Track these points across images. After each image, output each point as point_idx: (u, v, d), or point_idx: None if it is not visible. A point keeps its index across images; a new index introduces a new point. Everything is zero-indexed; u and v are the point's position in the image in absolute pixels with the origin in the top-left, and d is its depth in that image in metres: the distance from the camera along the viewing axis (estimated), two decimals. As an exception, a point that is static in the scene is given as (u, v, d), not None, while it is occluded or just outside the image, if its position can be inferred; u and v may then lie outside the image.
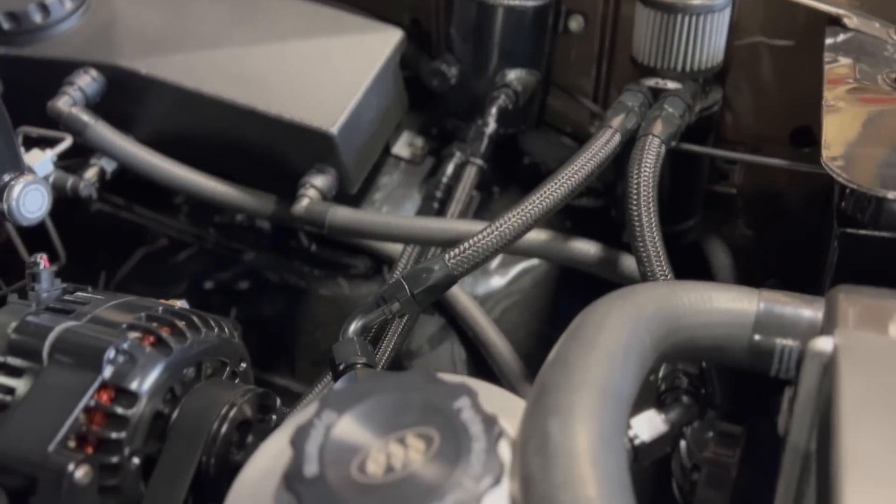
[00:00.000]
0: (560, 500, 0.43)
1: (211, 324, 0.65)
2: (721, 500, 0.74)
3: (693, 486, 0.79)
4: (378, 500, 0.44)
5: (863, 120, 0.71)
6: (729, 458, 0.74)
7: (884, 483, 0.43)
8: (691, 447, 0.80)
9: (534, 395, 0.50)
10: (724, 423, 0.77)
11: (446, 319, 1.00)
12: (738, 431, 0.76)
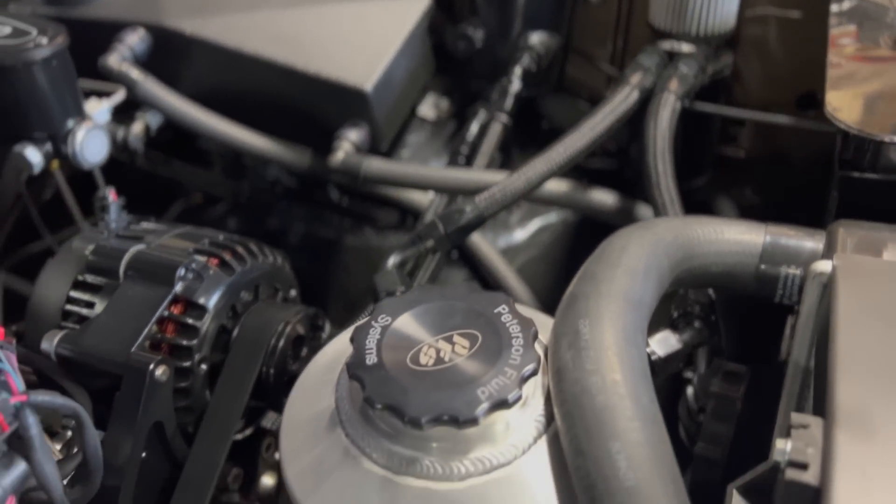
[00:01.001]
0: (590, 383, 0.49)
1: (266, 252, 0.71)
2: (726, 433, 0.80)
3: (699, 427, 0.85)
4: (430, 383, 0.50)
5: (863, 76, 0.76)
6: (734, 393, 0.80)
7: (873, 377, 0.49)
8: (698, 392, 0.85)
9: (564, 302, 0.56)
10: (729, 363, 0.84)
11: (471, 270, 1.06)
12: (743, 370, 0.82)
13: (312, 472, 0.52)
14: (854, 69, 0.77)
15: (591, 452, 0.47)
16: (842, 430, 0.45)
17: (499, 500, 0.49)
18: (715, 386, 0.79)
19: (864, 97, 0.73)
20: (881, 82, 0.75)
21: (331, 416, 0.54)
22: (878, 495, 0.42)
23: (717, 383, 0.80)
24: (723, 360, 0.81)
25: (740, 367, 0.83)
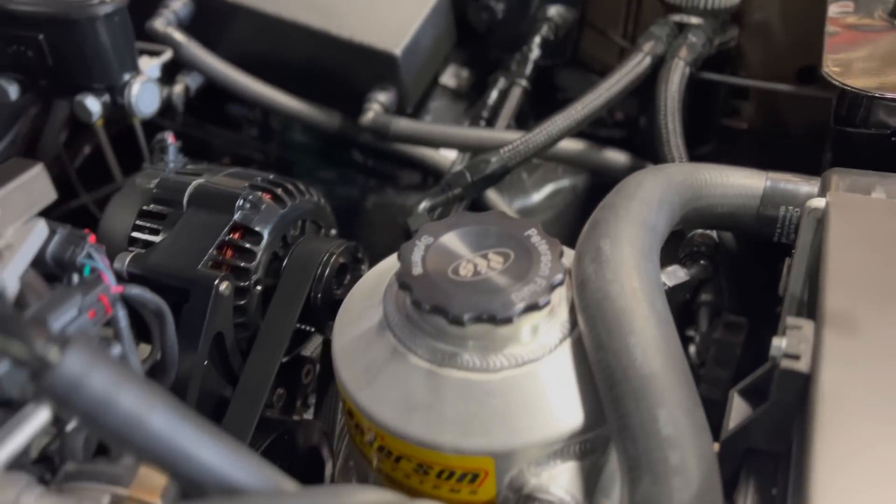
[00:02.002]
0: (610, 290, 0.55)
1: (311, 192, 0.78)
2: (726, 377, 0.87)
3: (700, 379, 0.91)
4: (470, 290, 0.57)
5: (858, 43, 0.83)
6: (734, 339, 0.87)
7: (858, 287, 0.55)
8: (699, 348, 0.92)
9: (587, 227, 0.62)
10: (730, 315, 0.90)
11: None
12: (742, 321, 0.89)
13: (364, 371, 0.59)
14: (850, 37, 0.84)
15: (611, 346, 0.53)
16: (829, 329, 0.52)
17: (528, 390, 0.56)
18: (717, 334, 0.86)
19: (858, 61, 0.79)
20: (874, 49, 0.82)
21: (379, 323, 0.61)
22: (859, 379, 0.49)
23: (719, 332, 0.87)
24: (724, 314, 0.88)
25: (741, 319, 0.90)
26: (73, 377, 0.36)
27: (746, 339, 0.87)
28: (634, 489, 0.50)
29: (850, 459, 0.44)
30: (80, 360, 0.36)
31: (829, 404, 0.47)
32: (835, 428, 0.46)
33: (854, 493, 0.42)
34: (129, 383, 0.37)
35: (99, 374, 0.36)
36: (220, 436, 0.39)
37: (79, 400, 0.36)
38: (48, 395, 0.36)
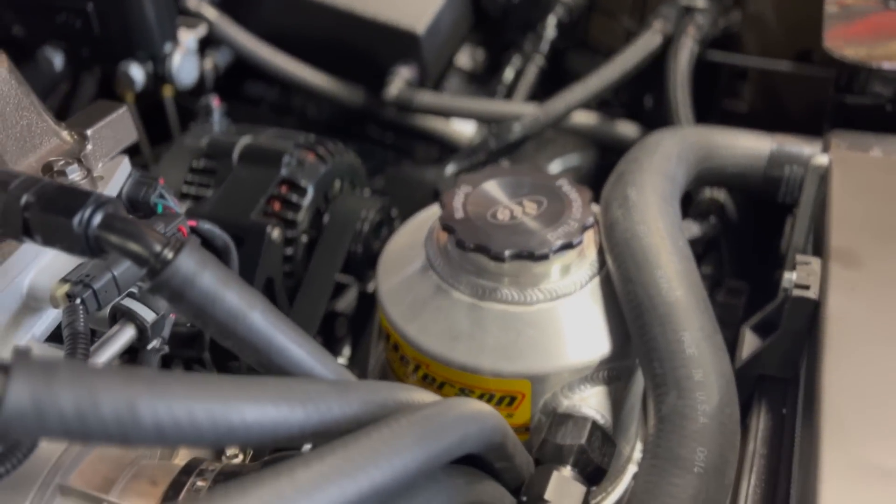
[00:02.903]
0: (638, 230, 0.61)
1: (349, 153, 0.83)
2: (730, 338, 0.92)
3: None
4: (508, 231, 0.62)
5: (854, 21, 0.89)
6: (737, 302, 0.92)
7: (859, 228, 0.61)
8: None
9: (613, 178, 0.68)
10: (732, 280, 0.96)
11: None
12: (743, 286, 0.94)
13: (410, 307, 0.64)
14: (846, 15, 0.89)
15: (639, 279, 0.59)
16: (834, 263, 0.58)
17: (561, 321, 0.61)
18: (720, 298, 0.91)
19: (855, 35, 0.85)
20: (869, 25, 0.87)
21: (422, 266, 0.66)
22: (862, 304, 0.54)
23: (722, 296, 0.92)
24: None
25: (742, 283, 0.95)
26: (186, 274, 0.40)
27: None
28: (661, 403, 0.55)
29: (857, 373, 0.50)
30: (193, 260, 0.40)
31: (836, 326, 0.53)
32: (841, 346, 0.51)
33: (861, 405, 0.48)
34: (233, 283, 0.42)
35: (208, 273, 0.41)
36: (303, 334, 0.44)
37: (191, 295, 0.40)
38: (164, 291, 0.40)
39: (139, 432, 0.31)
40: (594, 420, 0.59)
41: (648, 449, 0.55)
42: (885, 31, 0.86)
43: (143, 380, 0.31)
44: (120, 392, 0.30)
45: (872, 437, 0.45)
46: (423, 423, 0.39)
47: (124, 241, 0.40)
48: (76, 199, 0.40)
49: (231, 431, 0.33)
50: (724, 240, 0.93)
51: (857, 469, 0.43)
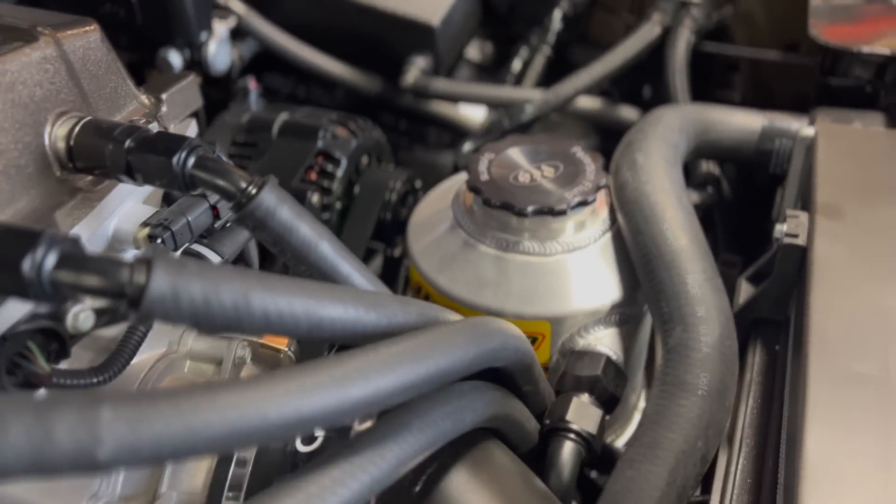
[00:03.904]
0: (646, 189, 0.67)
1: (376, 129, 0.89)
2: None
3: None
4: (530, 190, 0.68)
5: (838, 11, 0.96)
6: (731, 271, 0.99)
7: (841, 187, 0.67)
8: None
9: (622, 145, 0.74)
10: (726, 254, 1.02)
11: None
12: (737, 260, 1.01)
13: (440, 261, 0.70)
14: (831, 6, 0.96)
15: (647, 231, 0.65)
16: (820, 215, 0.64)
17: (576, 269, 0.67)
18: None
19: (838, 25, 0.92)
20: (850, 14, 0.94)
21: (450, 224, 0.72)
22: (844, 249, 0.61)
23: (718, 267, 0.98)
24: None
25: (735, 257, 1.02)
26: (268, 207, 0.46)
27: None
28: (668, 337, 0.61)
29: (839, 303, 0.56)
30: (273, 195, 0.47)
31: (821, 267, 0.59)
32: (826, 283, 0.58)
33: (842, 327, 0.54)
34: (305, 216, 0.48)
35: (285, 207, 0.47)
36: (361, 263, 0.50)
37: (271, 225, 0.46)
38: (249, 221, 0.46)
39: (251, 320, 0.37)
40: (608, 356, 0.65)
41: (657, 378, 0.61)
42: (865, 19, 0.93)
43: (255, 276, 0.37)
44: (237, 284, 0.36)
45: (852, 351, 0.51)
46: (473, 327, 0.45)
47: (215, 178, 0.46)
48: (174, 142, 0.46)
49: (319, 325, 0.39)
50: (718, 214, 1.00)
51: (840, 375, 0.49)
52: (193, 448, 0.31)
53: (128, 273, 0.34)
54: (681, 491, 0.56)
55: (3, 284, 0.35)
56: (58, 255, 0.35)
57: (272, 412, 0.33)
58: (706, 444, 0.57)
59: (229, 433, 0.31)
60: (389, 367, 0.37)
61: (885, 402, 0.47)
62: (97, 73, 0.53)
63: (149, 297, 0.34)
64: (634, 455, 0.58)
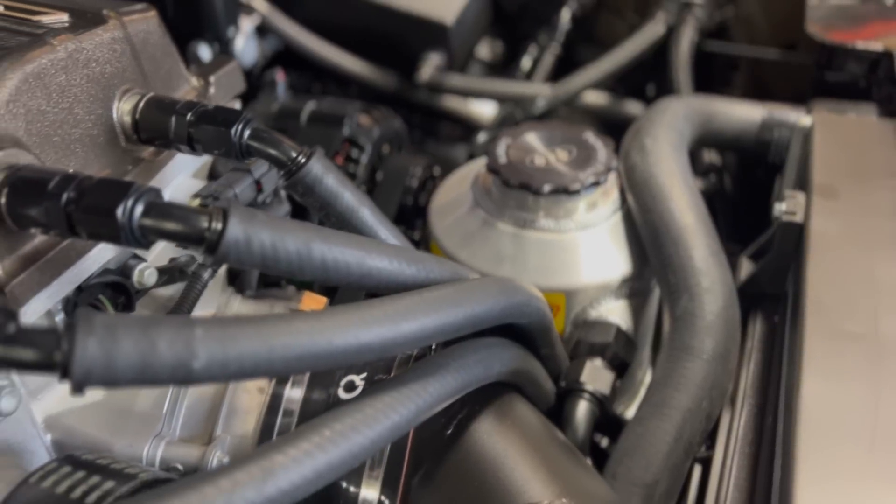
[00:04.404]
0: (655, 171, 0.72)
1: (398, 118, 0.94)
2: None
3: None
4: (546, 172, 0.73)
5: (834, 11, 1.01)
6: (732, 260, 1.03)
7: (836, 168, 0.72)
8: None
9: (631, 132, 0.79)
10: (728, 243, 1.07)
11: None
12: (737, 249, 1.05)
13: (461, 238, 0.75)
14: (828, 7, 1.01)
15: (655, 209, 0.70)
16: (817, 195, 0.69)
17: (589, 245, 0.72)
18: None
19: (834, 22, 0.97)
20: (846, 14, 0.99)
21: (470, 205, 0.77)
22: (838, 225, 0.65)
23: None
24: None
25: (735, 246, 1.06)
26: (316, 175, 0.51)
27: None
28: (675, 306, 0.66)
29: (833, 272, 0.61)
30: (320, 164, 0.51)
31: (817, 241, 0.64)
32: (821, 254, 0.63)
33: (835, 292, 0.59)
34: (348, 184, 0.52)
35: (331, 175, 0.51)
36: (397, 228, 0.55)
37: (319, 191, 0.51)
38: (298, 188, 0.51)
39: (311, 266, 0.41)
40: (618, 325, 0.70)
41: (665, 344, 0.66)
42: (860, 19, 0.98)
43: (315, 229, 0.42)
44: (301, 234, 0.41)
45: (845, 314, 0.56)
46: (504, 282, 0.50)
47: (268, 148, 0.51)
48: (231, 115, 0.51)
49: (368, 274, 0.44)
50: (719, 205, 1.04)
51: (833, 333, 0.54)
52: (270, 366, 0.35)
53: (207, 220, 0.39)
54: (687, 447, 0.61)
55: (99, 230, 0.39)
56: (145, 204, 0.39)
57: (337, 339, 0.37)
58: (710, 403, 0.62)
59: (301, 355, 0.36)
60: (434, 307, 0.42)
61: (875, 356, 0.52)
62: (155, 55, 0.57)
63: (225, 242, 0.39)
64: (644, 414, 0.62)
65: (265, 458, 0.34)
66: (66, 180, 0.40)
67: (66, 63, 0.48)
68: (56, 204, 0.40)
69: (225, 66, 0.65)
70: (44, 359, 0.31)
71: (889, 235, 0.63)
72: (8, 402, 0.44)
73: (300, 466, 0.35)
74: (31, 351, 0.31)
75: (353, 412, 0.39)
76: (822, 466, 0.45)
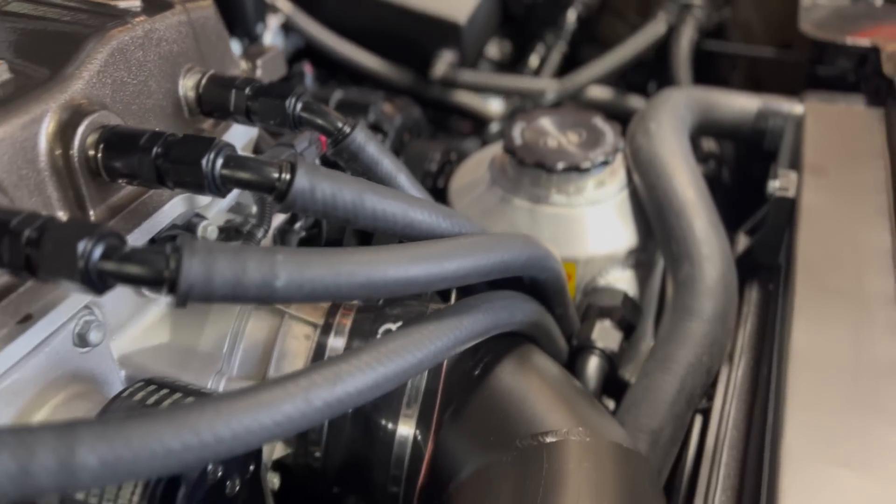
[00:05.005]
0: (659, 151, 0.78)
1: (417, 107, 1.00)
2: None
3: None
4: (558, 152, 0.79)
5: (826, 11, 1.07)
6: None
7: (826, 149, 0.78)
8: None
9: (636, 118, 0.85)
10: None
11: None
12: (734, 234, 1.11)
13: (480, 214, 0.81)
14: (820, 7, 1.08)
15: (659, 186, 0.76)
16: (807, 173, 0.75)
17: (598, 219, 0.78)
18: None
19: (826, 23, 1.03)
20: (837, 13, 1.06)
21: (488, 182, 0.83)
22: (827, 199, 0.71)
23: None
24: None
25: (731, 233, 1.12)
26: (360, 142, 0.57)
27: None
28: (677, 272, 0.72)
29: (821, 238, 0.67)
30: (363, 133, 0.57)
31: (807, 213, 0.70)
32: (811, 224, 0.69)
33: (823, 254, 0.65)
34: (387, 153, 0.58)
35: (372, 144, 0.57)
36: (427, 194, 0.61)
37: (362, 157, 0.57)
38: (344, 154, 0.57)
39: (363, 215, 0.47)
40: (625, 292, 0.76)
41: (668, 307, 0.72)
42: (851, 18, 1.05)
43: (366, 183, 0.48)
44: (355, 187, 0.47)
45: (831, 272, 0.62)
46: (527, 237, 0.56)
47: (317, 118, 0.57)
48: (286, 89, 0.57)
49: (411, 224, 0.50)
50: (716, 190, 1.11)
51: (821, 288, 0.60)
52: (337, 290, 0.41)
53: (277, 171, 0.45)
54: (689, 398, 0.67)
55: (185, 179, 0.45)
56: (224, 156, 0.46)
57: (391, 272, 0.43)
58: (710, 359, 0.68)
59: (362, 283, 0.42)
60: (470, 250, 0.48)
61: (857, 306, 0.58)
62: (211, 39, 0.63)
63: (293, 191, 0.45)
64: (649, 368, 0.68)
65: (335, 366, 0.40)
66: (156, 136, 0.46)
67: (143, 41, 0.54)
68: (147, 156, 0.46)
69: (269, 52, 0.71)
70: (154, 275, 0.37)
71: (872, 207, 0.69)
72: (96, 334, 0.50)
73: (363, 375, 0.41)
74: (144, 267, 0.37)
75: (403, 337, 0.45)
76: (811, 397, 0.51)
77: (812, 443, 0.46)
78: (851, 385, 0.51)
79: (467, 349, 0.55)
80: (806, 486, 0.44)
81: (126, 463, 0.33)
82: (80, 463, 0.32)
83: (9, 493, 0.31)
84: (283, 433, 0.38)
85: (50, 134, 0.47)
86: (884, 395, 0.49)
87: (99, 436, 0.33)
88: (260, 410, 0.37)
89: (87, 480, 0.32)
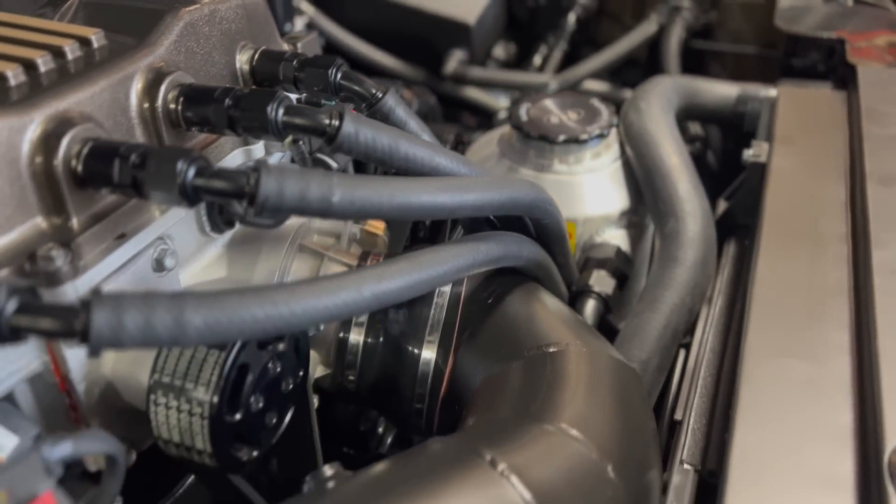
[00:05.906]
0: (648, 126, 0.87)
1: (432, 95, 1.09)
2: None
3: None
4: (560, 126, 0.88)
5: (800, 10, 1.16)
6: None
7: (794, 124, 0.87)
8: None
9: (629, 100, 0.94)
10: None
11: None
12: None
13: (488, 181, 0.90)
14: (794, 6, 1.17)
15: (648, 154, 0.85)
16: (777, 143, 0.84)
17: (595, 185, 0.87)
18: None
19: (801, 20, 1.12)
20: (811, 11, 1.15)
21: (497, 155, 0.92)
22: (792, 163, 0.80)
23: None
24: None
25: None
26: (390, 105, 0.66)
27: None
28: (663, 227, 0.81)
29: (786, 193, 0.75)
30: (392, 98, 0.66)
31: (776, 175, 0.79)
32: (778, 182, 0.77)
33: (787, 204, 0.73)
34: (413, 116, 0.68)
35: (401, 108, 0.66)
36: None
37: (392, 119, 0.66)
38: (377, 115, 0.66)
39: (399, 157, 0.56)
40: (618, 246, 0.85)
41: (656, 258, 0.80)
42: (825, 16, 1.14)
43: (399, 132, 0.57)
44: (391, 133, 0.56)
45: (792, 219, 0.71)
46: (534, 184, 0.65)
47: (354, 85, 0.66)
48: (328, 60, 0.66)
49: (436, 168, 0.58)
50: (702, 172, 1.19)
51: (782, 233, 0.69)
52: (380, 210, 0.50)
53: (328, 118, 0.54)
54: (674, 333, 0.75)
55: (252, 124, 0.54)
56: (285, 106, 0.54)
57: (424, 198, 0.52)
58: (692, 300, 0.76)
59: (400, 205, 0.51)
60: (487, 186, 0.57)
61: (813, 244, 0.67)
62: (260, 22, 0.73)
63: (341, 134, 0.54)
64: (639, 309, 0.77)
65: (380, 269, 0.49)
66: (227, 91, 0.55)
67: (209, 18, 0.63)
68: (221, 106, 0.55)
69: (308, 36, 0.80)
70: (237, 189, 0.46)
71: (830, 167, 0.78)
72: (170, 261, 0.58)
73: (400, 277, 0.50)
74: (229, 183, 0.46)
75: (432, 253, 0.54)
76: (771, 308, 0.60)
77: (769, 341, 0.55)
78: (803, 301, 0.60)
79: (481, 284, 0.64)
80: (763, 372, 0.52)
81: (223, 325, 0.42)
82: (187, 320, 0.41)
83: (136, 341, 0.40)
84: (338, 314, 0.46)
85: (139, 90, 0.56)
86: (829, 308, 0.58)
87: (202, 302, 0.41)
88: (322, 295, 0.46)
89: (193, 336, 0.41)
